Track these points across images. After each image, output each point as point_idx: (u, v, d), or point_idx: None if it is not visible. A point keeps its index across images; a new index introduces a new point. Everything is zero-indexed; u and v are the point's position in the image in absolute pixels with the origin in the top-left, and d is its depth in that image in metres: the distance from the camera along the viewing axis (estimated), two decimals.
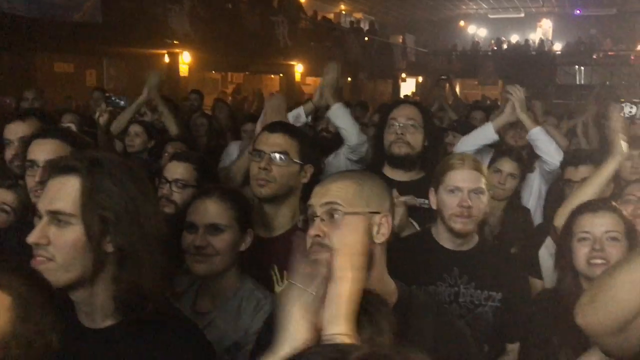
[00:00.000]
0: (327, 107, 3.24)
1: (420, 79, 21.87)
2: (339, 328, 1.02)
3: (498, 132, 3.15)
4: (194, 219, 1.83)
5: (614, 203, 1.96)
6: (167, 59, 11.23)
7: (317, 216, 1.35)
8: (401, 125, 2.65)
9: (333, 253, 1.11)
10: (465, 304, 2.01)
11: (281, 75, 15.78)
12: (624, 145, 2.28)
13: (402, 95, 17.00)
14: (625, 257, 1.41)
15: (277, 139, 2.08)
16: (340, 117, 3.20)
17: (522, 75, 21.15)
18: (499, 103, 11.79)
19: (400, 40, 21.36)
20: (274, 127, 2.20)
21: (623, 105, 2.69)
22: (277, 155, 2.05)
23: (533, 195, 3.31)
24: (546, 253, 2.49)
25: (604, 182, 2.27)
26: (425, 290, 2.01)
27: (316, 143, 3.47)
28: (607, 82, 21.50)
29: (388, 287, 1.43)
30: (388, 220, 1.39)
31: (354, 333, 1.03)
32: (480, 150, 3.24)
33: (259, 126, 2.71)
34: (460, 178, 1.99)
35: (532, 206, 3.29)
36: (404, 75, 20.62)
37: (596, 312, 1.25)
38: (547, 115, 5.66)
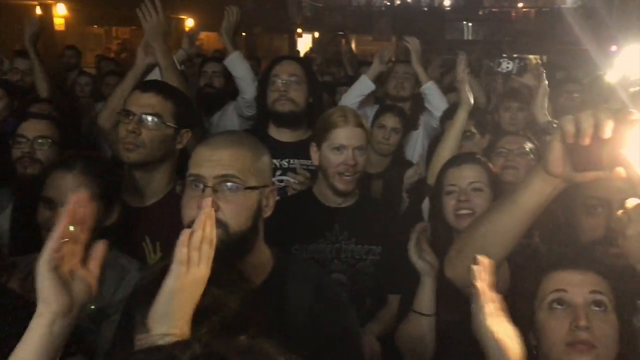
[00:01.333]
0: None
1: (316, 34, 21.79)
2: (164, 328, 0.97)
3: (374, 81, 3.24)
4: (51, 195, 1.66)
5: (477, 155, 2.05)
6: (38, 11, 10.22)
7: (207, 186, 1.23)
8: (283, 81, 2.57)
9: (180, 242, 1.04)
10: (346, 259, 2.04)
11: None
12: (470, 95, 2.46)
13: (298, 50, 16.92)
14: (488, 207, 1.46)
15: (150, 99, 1.91)
16: (238, 66, 3.13)
17: (413, 31, 21.88)
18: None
19: None
20: (147, 86, 2.04)
21: (501, 60, 2.81)
22: (149, 118, 1.88)
23: (417, 150, 3.42)
24: (426, 207, 2.59)
25: (458, 133, 2.42)
26: (307, 249, 2.02)
27: (199, 102, 3.33)
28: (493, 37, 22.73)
29: (262, 256, 1.38)
30: (274, 193, 1.35)
31: (185, 330, 0.98)
32: (364, 106, 3.29)
33: (140, 53, 2.47)
34: (344, 136, 1.98)
35: (416, 161, 3.41)
36: (299, 30, 20.42)
37: (464, 264, 1.25)
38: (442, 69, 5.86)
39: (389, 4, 23.62)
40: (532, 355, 1.23)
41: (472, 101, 2.48)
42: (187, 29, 14.19)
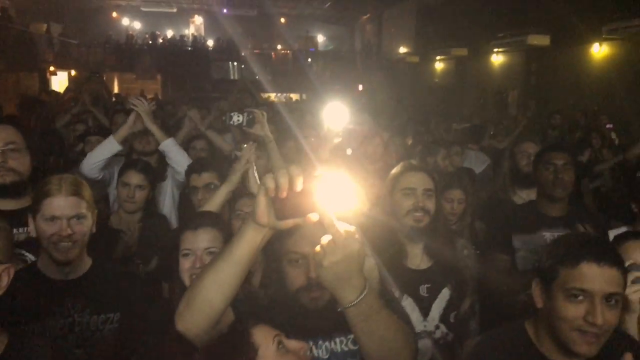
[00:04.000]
0: None
1: (73, 72, 20.32)
2: None
3: (122, 142, 3.15)
4: None
5: (216, 218, 2.14)
6: None
7: None
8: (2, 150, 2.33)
9: None
10: (81, 332, 1.92)
11: None
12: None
13: (52, 89, 15.54)
14: (210, 261, 1.55)
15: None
16: None
17: (179, 70, 21.89)
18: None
19: (45, 30, 19.39)
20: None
21: (232, 114, 2.98)
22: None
23: (167, 200, 3.42)
24: None
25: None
26: (37, 327, 1.86)
27: None
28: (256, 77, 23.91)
29: None
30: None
31: None
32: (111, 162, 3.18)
33: None
34: (57, 205, 1.87)
35: (168, 212, 3.39)
36: (52, 67, 18.81)
37: (192, 316, 1.34)
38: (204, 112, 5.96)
39: (151, 42, 23.24)
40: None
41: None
42: None
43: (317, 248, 1.26)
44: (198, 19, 27.70)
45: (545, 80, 11.82)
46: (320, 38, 28.12)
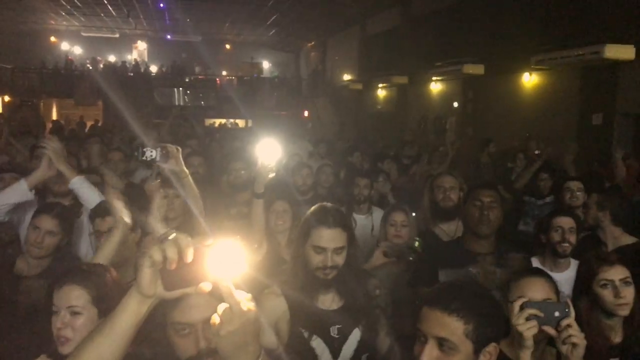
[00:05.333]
0: None
1: (6, 98, 19.54)
2: None
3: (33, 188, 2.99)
4: None
5: (83, 273, 1.91)
6: None
7: None
8: None
9: None
10: None
11: None
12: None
13: None
14: (89, 334, 1.45)
15: None
16: None
17: (121, 96, 21.42)
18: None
19: None
20: None
21: (145, 150, 2.88)
22: None
23: (84, 239, 3.27)
24: None
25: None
26: None
27: None
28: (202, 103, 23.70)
29: None
30: None
31: None
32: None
33: None
34: None
35: (84, 251, 3.24)
36: None
37: None
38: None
39: (91, 67, 22.69)
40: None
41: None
42: None
43: (214, 318, 1.21)
44: (141, 45, 27.33)
45: (481, 107, 12.24)
46: (266, 64, 28.28)
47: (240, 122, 21.89)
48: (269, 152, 2.96)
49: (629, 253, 3.16)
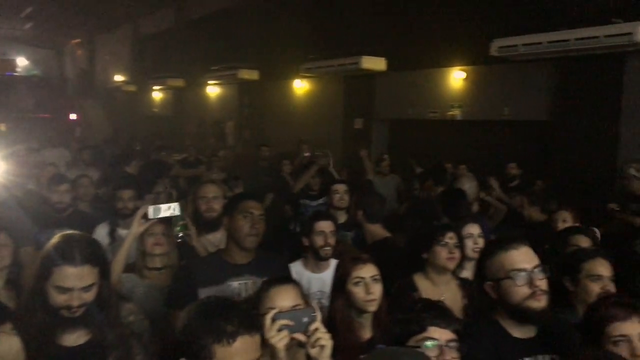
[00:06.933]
0: None
1: None
2: None
3: None
4: None
5: None
6: None
7: None
8: None
9: None
10: None
11: None
12: None
13: None
14: None
15: None
16: None
17: None
18: None
19: None
20: None
21: None
22: None
23: None
24: None
25: None
26: None
27: None
28: None
29: None
30: None
31: None
32: None
33: None
34: None
35: None
36: None
37: None
38: None
39: None
40: None
41: None
42: None
43: None
44: None
45: (257, 112, 12.52)
46: (23, 61, 24.98)
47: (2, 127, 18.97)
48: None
49: (380, 247, 3.45)
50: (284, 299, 1.91)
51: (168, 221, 2.89)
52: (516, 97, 7.40)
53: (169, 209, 2.69)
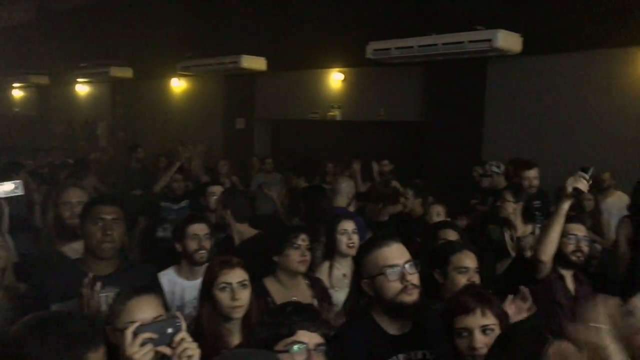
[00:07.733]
0: None
1: None
2: None
3: None
4: None
5: None
6: None
7: None
8: None
9: None
10: None
11: None
12: None
13: None
14: None
15: None
16: None
17: None
18: None
19: None
20: None
21: None
22: None
23: None
24: None
25: None
26: None
27: None
28: None
29: None
30: None
31: None
32: None
33: None
34: None
35: None
36: None
37: None
38: None
39: None
40: None
41: None
42: None
43: None
44: None
45: (132, 112, 11.87)
46: None
47: None
48: None
49: (249, 246, 3.34)
50: (144, 310, 1.76)
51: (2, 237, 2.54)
52: (391, 98, 7.68)
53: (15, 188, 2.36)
